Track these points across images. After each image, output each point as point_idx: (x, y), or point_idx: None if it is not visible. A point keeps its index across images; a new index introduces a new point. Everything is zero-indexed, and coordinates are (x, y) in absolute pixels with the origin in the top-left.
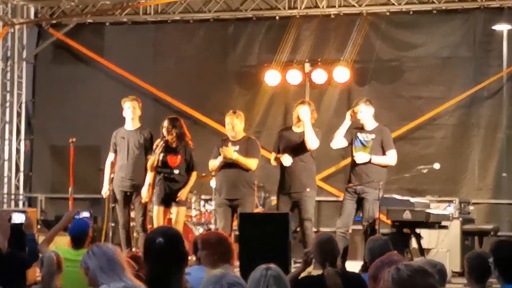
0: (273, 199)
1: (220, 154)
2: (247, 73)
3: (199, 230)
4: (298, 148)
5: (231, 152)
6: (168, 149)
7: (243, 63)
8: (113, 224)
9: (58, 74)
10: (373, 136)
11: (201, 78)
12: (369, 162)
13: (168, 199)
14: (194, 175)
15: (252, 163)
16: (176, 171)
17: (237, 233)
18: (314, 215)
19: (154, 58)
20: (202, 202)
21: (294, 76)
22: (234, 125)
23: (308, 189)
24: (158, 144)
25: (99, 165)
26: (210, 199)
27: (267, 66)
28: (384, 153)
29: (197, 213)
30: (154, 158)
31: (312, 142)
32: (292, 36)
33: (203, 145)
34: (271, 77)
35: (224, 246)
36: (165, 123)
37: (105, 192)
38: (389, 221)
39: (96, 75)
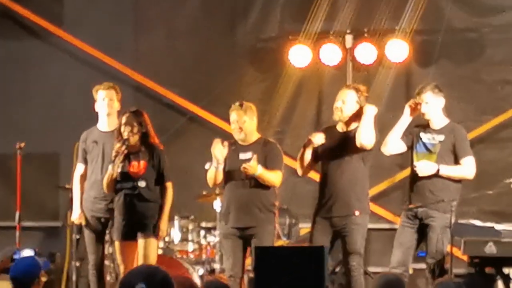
0: (303, 227)
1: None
2: (265, 49)
3: (198, 272)
4: (344, 153)
5: (255, 166)
6: (127, 155)
7: (259, 36)
8: (77, 264)
9: (0, 53)
10: (441, 137)
11: (200, 59)
12: (436, 174)
13: (131, 228)
14: (169, 189)
15: (275, 178)
16: (142, 183)
17: (251, 275)
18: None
19: (135, 31)
20: (202, 232)
21: (331, 54)
22: (243, 123)
23: (357, 213)
24: (119, 150)
25: (58, 181)
26: (214, 228)
27: (292, 40)
28: (456, 162)
29: (196, 248)
30: (111, 171)
31: (367, 135)
32: None
33: (203, 151)
34: (299, 55)
35: None
36: (125, 119)
37: (76, 217)
38: (465, 257)
39: (54, 55)
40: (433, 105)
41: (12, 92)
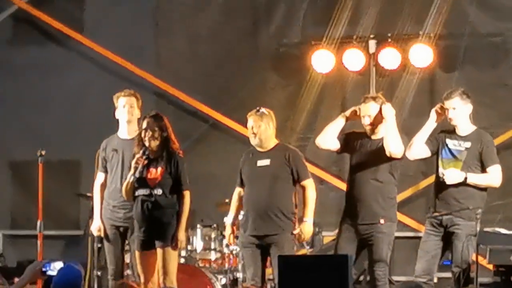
0: (326, 236)
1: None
2: (287, 54)
3: (221, 281)
4: (373, 162)
5: (309, 225)
6: (146, 161)
7: (282, 41)
8: (99, 273)
9: (20, 59)
10: (468, 144)
11: (222, 64)
12: (464, 182)
13: (149, 237)
14: (187, 197)
15: (312, 191)
16: (158, 191)
17: (274, 284)
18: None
19: (156, 37)
20: (225, 241)
21: (354, 59)
22: (259, 128)
23: (382, 221)
24: (139, 161)
25: (79, 189)
26: (237, 236)
27: (315, 45)
28: (483, 170)
29: (219, 257)
30: (130, 179)
31: (394, 143)
32: (350, 1)
33: (226, 157)
34: (321, 61)
35: None
36: (145, 124)
37: (96, 227)
38: (490, 266)
39: (74, 61)
40: (460, 111)
41: (33, 98)
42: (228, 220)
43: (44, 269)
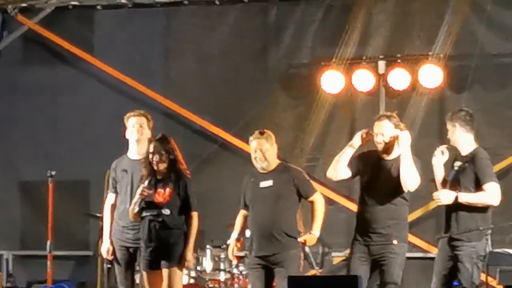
0: (336, 256)
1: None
2: (297, 75)
3: None
4: (386, 185)
5: (314, 238)
6: (154, 182)
7: (291, 62)
8: None
9: (30, 79)
10: (467, 164)
11: (231, 84)
12: (458, 202)
13: (156, 257)
14: (195, 218)
15: (320, 205)
16: (166, 211)
17: None
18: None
19: (166, 57)
20: (234, 261)
21: (364, 79)
22: (265, 151)
23: (395, 241)
24: (145, 191)
25: (88, 209)
26: (246, 256)
27: (324, 66)
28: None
29: (228, 277)
30: (135, 209)
31: (412, 180)
32: (359, 22)
33: (235, 178)
34: (331, 81)
35: None
36: (152, 148)
37: (106, 249)
38: (500, 287)
39: (84, 81)
40: (458, 132)
41: (42, 119)
42: (232, 237)
43: None
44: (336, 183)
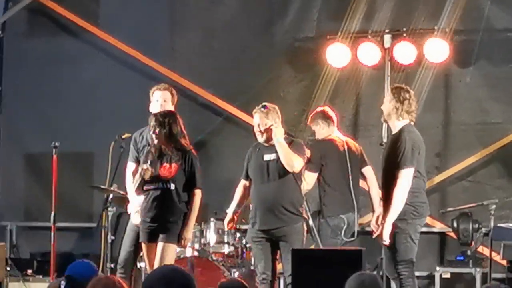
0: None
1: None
2: (302, 49)
3: (234, 274)
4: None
5: (280, 132)
6: (158, 157)
7: (297, 35)
8: (112, 265)
9: (35, 51)
10: None
11: (236, 58)
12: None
13: (154, 230)
14: (197, 196)
15: (295, 158)
16: (171, 186)
17: (287, 279)
18: None
19: (171, 30)
20: (238, 234)
21: (369, 53)
22: (264, 126)
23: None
24: (145, 171)
25: (92, 181)
26: (244, 230)
27: (330, 39)
28: None
29: (232, 250)
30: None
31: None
32: None
33: (239, 151)
34: (336, 55)
35: None
36: (152, 121)
37: (135, 209)
38: (504, 262)
39: (89, 53)
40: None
41: (47, 90)
42: (229, 209)
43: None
44: None
